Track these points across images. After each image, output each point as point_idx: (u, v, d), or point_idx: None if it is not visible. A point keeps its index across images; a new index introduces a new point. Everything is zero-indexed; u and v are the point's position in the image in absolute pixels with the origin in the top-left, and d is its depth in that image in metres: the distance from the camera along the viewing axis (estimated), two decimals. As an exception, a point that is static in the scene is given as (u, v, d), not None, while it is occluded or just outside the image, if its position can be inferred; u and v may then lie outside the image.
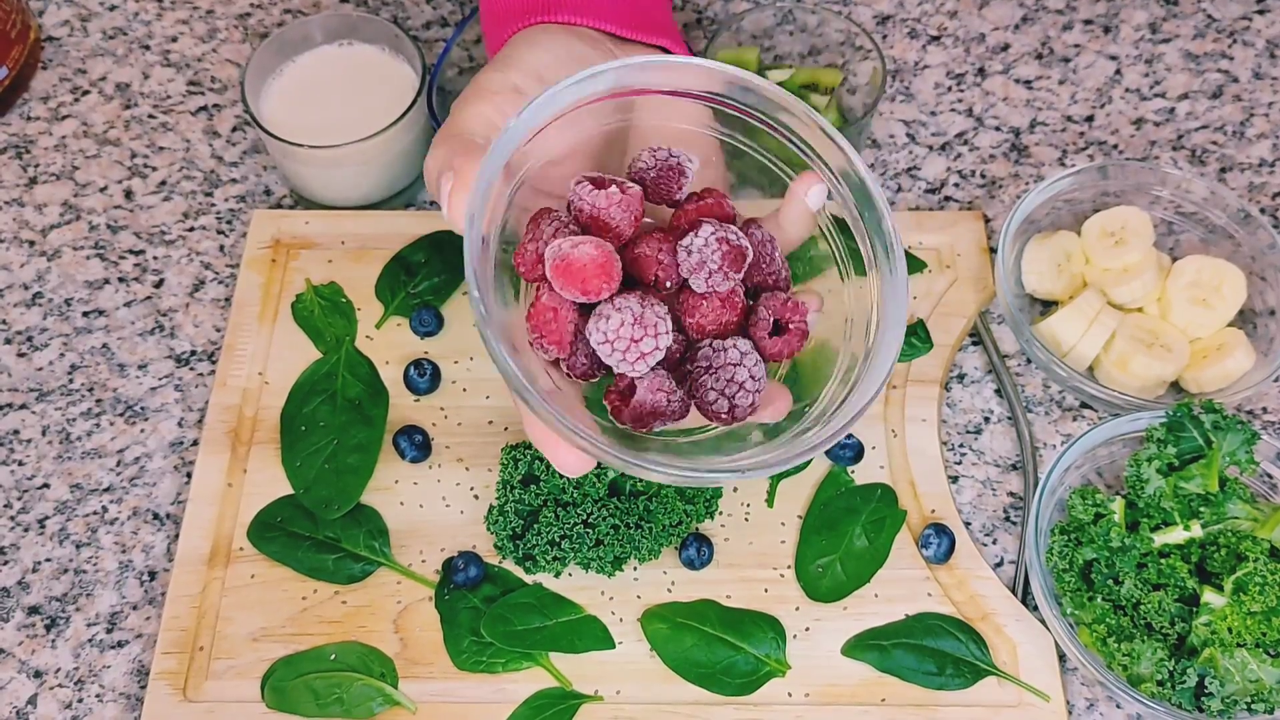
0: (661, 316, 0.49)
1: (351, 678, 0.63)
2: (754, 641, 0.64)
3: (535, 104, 0.50)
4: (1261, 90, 0.85)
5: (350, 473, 0.68)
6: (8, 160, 0.83)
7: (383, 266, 0.76)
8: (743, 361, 0.51)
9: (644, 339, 0.48)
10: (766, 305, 0.53)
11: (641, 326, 0.48)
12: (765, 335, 0.52)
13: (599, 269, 0.49)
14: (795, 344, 0.53)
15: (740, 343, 0.51)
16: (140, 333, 0.76)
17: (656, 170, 0.53)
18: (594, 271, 0.48)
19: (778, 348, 0.52)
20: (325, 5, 0.90)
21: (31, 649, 0.65)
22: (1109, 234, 0.73)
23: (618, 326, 0.48)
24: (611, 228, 0.51)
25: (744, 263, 0.50)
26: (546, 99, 0.50)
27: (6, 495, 0.70)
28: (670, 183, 0.53)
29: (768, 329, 0.52)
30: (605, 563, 0.64)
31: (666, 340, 0.49)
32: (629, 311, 0.48)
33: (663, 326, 0.49)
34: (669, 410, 0.51)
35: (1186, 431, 0.65)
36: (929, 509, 0.68)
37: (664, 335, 0.49)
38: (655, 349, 0.49)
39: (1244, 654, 0.59)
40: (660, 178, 0.53)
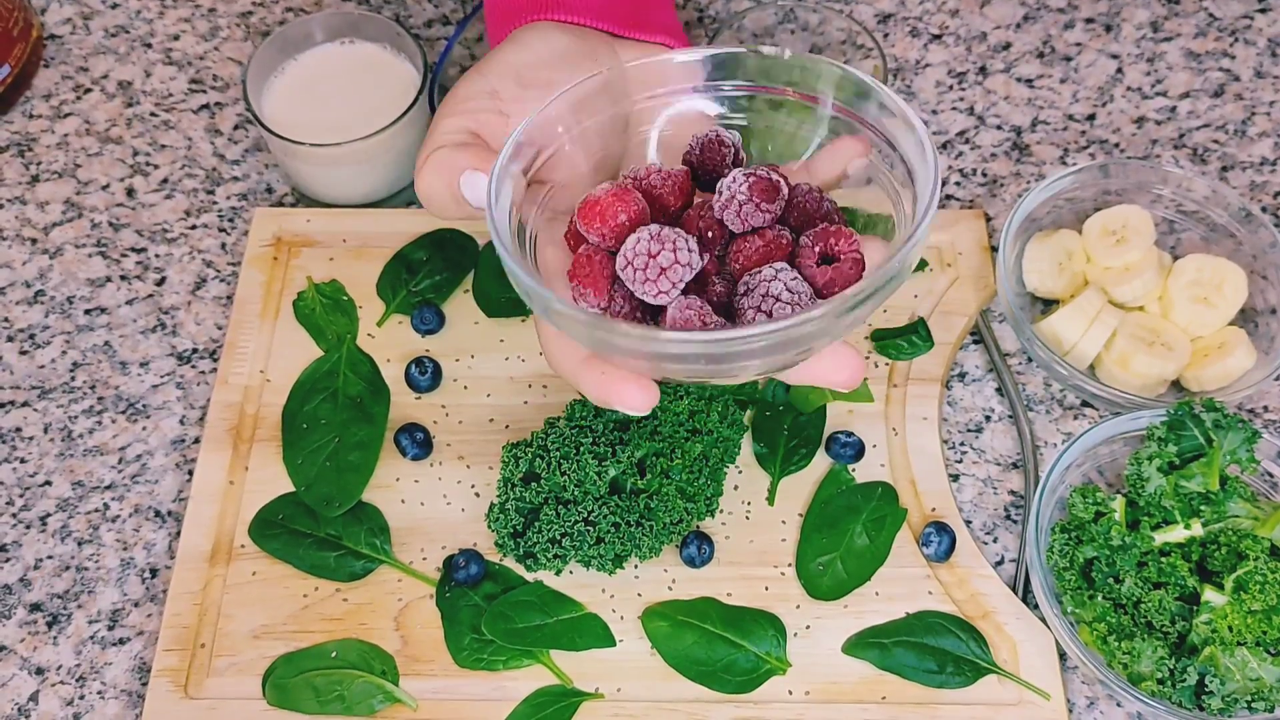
0: (683, 236, 0.48)
1: (352, 675, 0.63)
2: (754, 639, 0.64)
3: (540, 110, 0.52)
4: (1263, 89, 0.85)
5: (351, 470, 0.68)
6: (10, 158, 0.83)
7: (384, 264, 0.76)
8: (779, 275, 0.48)
9: (661, 253, 0.48)
10: (810, 236, 0.50)
11: (659, 242, 0.48)
12: (813, 265, 0.50)
13: (614, 199, 0.49)
14: (849, 272, 0.49)
15: (778, 264, 0.49)
16: (142, 330, 0.76)
17: (701, 149, 0.54)
18: (609, 203, 0.49)
19: (828, 276, 0.50)
20: (327, 3, 0.90)
21: (33, 646, 0.66)
22: (1110, 232, 0.73)
23: (634, 244, 0.48)
24: (654, 195, 0.52)
25: (776, 194, 0.50)
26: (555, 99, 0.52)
27: (8, 492, 0.70)
28: (714, 154, 0.53)
29: (814, 258, 0.50)
30: (606, 560, 0.64)
31: (688, 257, 0.48)
32: (646, 232, 0.48)
33: (683, 243, 0.48)
34: (701, 326, 0.49)
35: (1187, 430, 0.65)
36: (930, 507, 0.68)
37: (684, 251, 0.48)
38: (674, 263, 0.48)
39: (1244, 652, 0.59)
40: (705, 155, 0.54)
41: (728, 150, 0.54)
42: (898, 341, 0.73)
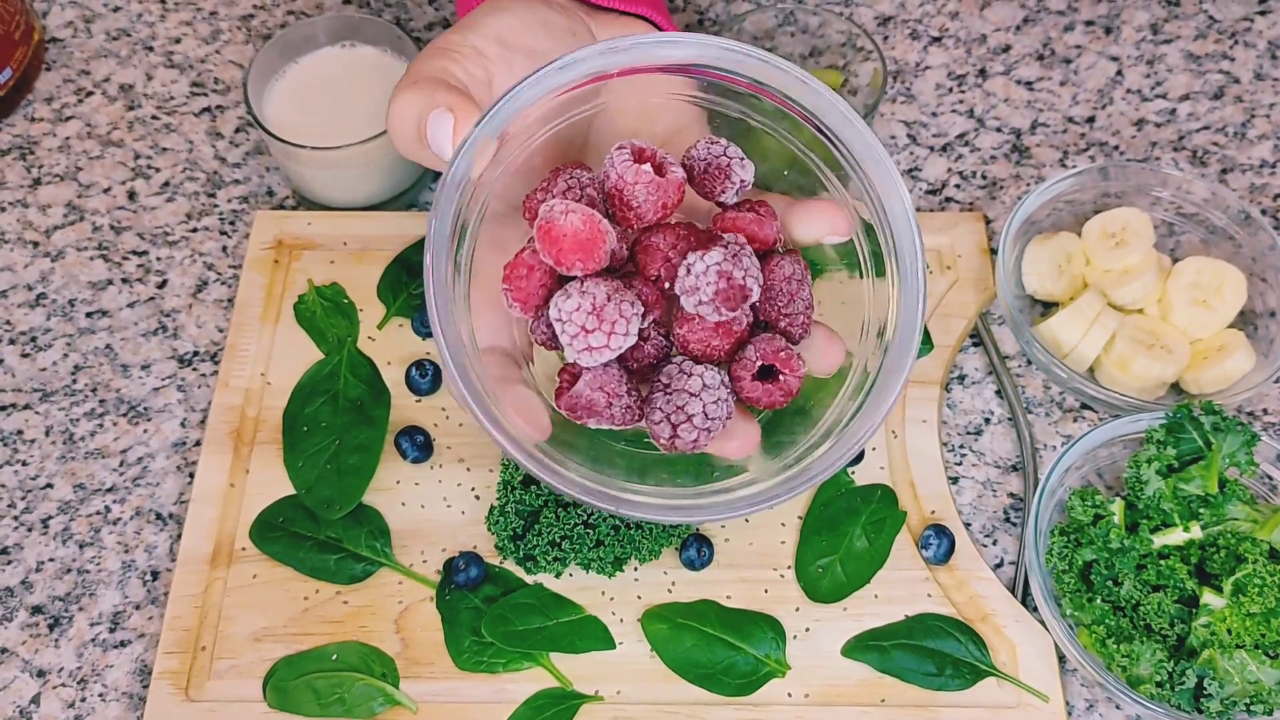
0: (627, 315, 0.46)
1: (353, 678, 0.63)
2: (754, 642, 0.64)
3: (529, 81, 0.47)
4: (1263, 91, 0.85)
5: (352, 473, 0.68)
6: (12, 161, 0.83)
7: (385, 267, 0.76)
8: (702, 394, 0.47)
9: (595, 332, 0.45)
10: (758, 346, 0.48)
11: (597, 318, 0.45)
12: (748, 377, 0.48)
13: (578, 245, 0.45)
14: (778, 398, 0.48)
15: (710, 374, 0.47)
16: (143, 333, 0.76)
17: (705, 164, 0.50)
18: (571, 246, 0.45)
19: (757, 394, 0.48)
20: (328, 7, 0.91)
21: (35, 648, 0.66)
22: (1109, 235, 0.73)
23: (573, 310, 0.45)
24: (633, 207, 0.48)
25: (741, 302, 0.47)
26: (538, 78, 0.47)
27: (10, 495, 0.70)
28: (714, 181, 0.50)
29: (753, 370, 0.48)
30: (606, 563, 0.64)
31: (623, 341, 0.46)
32: (590, 298, 0.45)
33: (623, 326, 0.46)
34: (606, 413, 0.48)
35: (1186, 433, 0.65)
36: (929, 510, 0.68)
37: (620, 336, 0.46)
38: (605, 346, 0.46)
39: (1243, 655, 0.59)
40: (706, 173, 0.50)
41: (731, 185, 0.50)
42: (897, 344, 0.73)
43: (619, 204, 0.48)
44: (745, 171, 0.50)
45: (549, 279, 0.48)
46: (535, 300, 0.48)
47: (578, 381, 0.48)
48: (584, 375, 0.48)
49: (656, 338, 0.50)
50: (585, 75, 0.48)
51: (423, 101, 0.50)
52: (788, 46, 0.83)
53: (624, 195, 0.48)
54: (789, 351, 0.48)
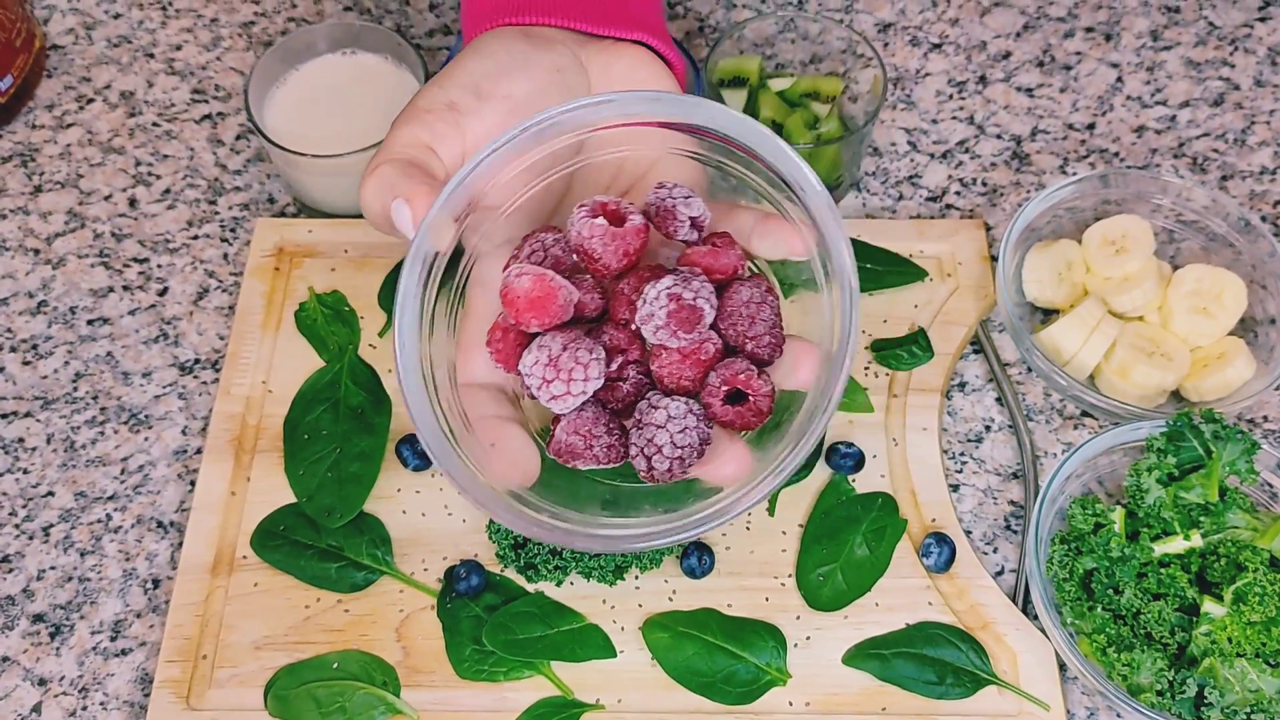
0: (584, 361, 0.49)
1: (354, 686, 0.63)
2: (755, 650, 0.64)
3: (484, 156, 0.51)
4: (1263, 98, 0.85)
5: (353, 481, 0.69)
6: (13, 169, 0.83)
7: (386, 275, 0.76)
8: (667, 424, 0.49)
9: (554, 381, 0.49)
10: (720, 372, 0.50)
11: (554, 369, 0.49)
12: (717, 402, 0.50)
13: (530, 304, 0.49)
14: (750, 419, 0.50)
15: (676, 405, 0.50)
16: (144, 341, 0.76)
17: (656, 208, 0.52)
18: (525, 305, 0.49)
19: (729, 417, 0.50)
20: (329, 14, 0.91)
21: (36, 657, 0.66)
22: (1110, 242, 0.73)
23: (533, 364, 0.49)
24: (596, 258, 0.51)
25: (696, 324, 0.49)
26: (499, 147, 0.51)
27: (11, 503, 0.71)
28: (666, 223, 0.52)
29: (720, 395, 0.50)
30: (606, 572, 0.64)
31: (584, 386, 0.49)
32: (546, 351, 0.49)
33: (580, 373, 0.49)
34: (588, 454, 0.50)
35: (1187, 441, 0.65)
36: (929, 518, 0.68)
37: (579, 381, 0.49)
38: (567, 393, 0.49)
39: (1244, 664, 0.59)
40: (659, 216, 0.52)
41: (680, 223, 0.52)
42: (898, 351, 0.73)
43: (585, 257, 0.51)
44: (691, 209, 0.52)
45: (521, 338, 0.52)
46: (514, 359, 0.52)
47: (556, 430, 0.51)
48: (561, 421, 0.51)
49: (636, 376, 0.52)
50: (538, 136, 0.51)
51: (385, 190, 0.53)
52: (788, 53, 0.83)
53: (585, 248, 0.51)
54: (750, 372, 0.50)
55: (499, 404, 0.54)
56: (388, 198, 0.53)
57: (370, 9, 0.91)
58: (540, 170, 0.54)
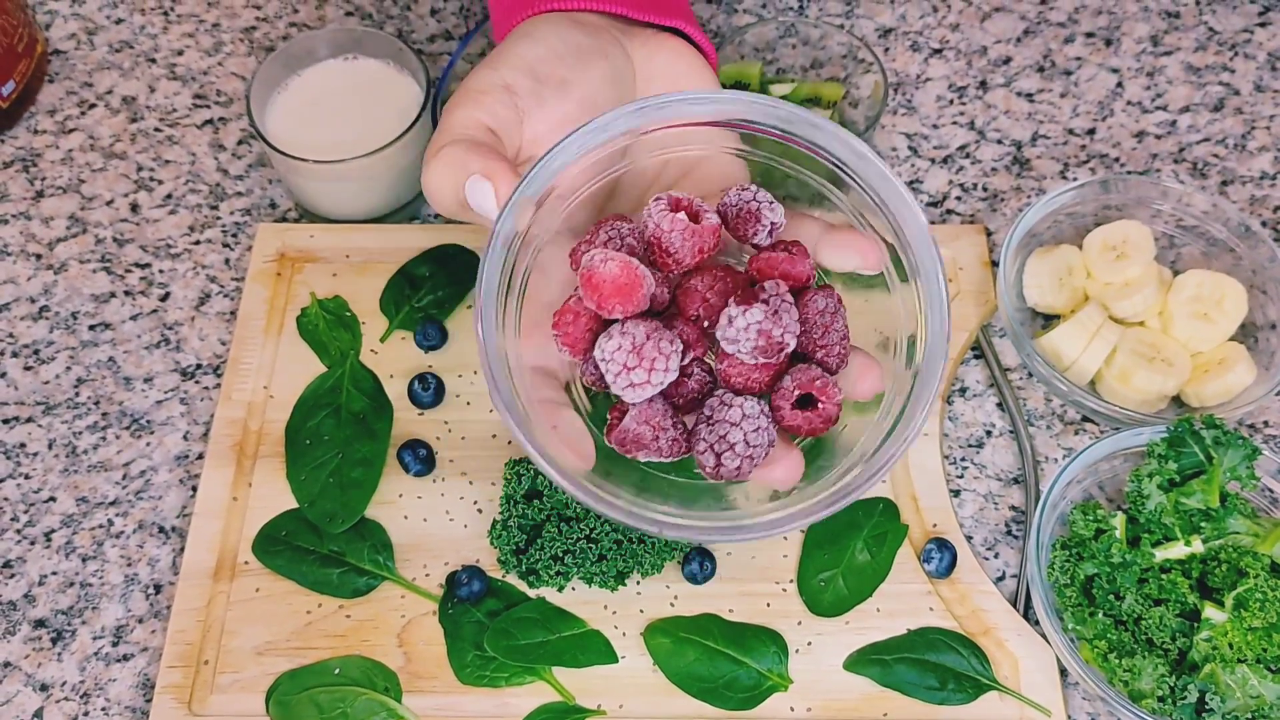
0: (666, 352, 0.49)
1: (355, 692, 0.63)
2: (756, 656, 0.64)
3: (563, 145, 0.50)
4: (1263, 103, 0.85)
5: (354, 487, 0.69)
6: (15, 174, 0.83)
7: (387, 280, 0.76)
8: (742, 423, 0.49)
9: (636, 369, 0.48)
10: (795, 376, 0.51)
11: (638, 356, 0.48)
12: (788, 406, 0.51)
13: (616, 290, 0.49)
14: (818, 424, 0.51)
15: (750, 404, 0.50)
16: (146, 346, 0.76)
17: (736, 209, 0.53)
18: (611, 291, 0.49)
19: (798, 422, 0.51)
20: (330, 19, 0.91)
21: (38, 662, 0.66)
22: (1110, 248, 0.73)
23: (615, 350, 0.48)
24: (670, 253, 0.50)
25: (778, 354, 0.50)
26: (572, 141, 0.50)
27: (13, 509, 0.71)
28: (746, 226, 0.52)
29: (791, 399, 0.51)
30: (608, 577, 0.65)
31: (664, 377, 0.49)
32: (630, 338, 0.48)
33: (662, 363, 0.48)
34: (654, 445, 0.50)
35: (1187, 447, 0.65)
36: (931, 523, 0.68)
37: (660, 372, 0.49)
38: (646, 382, 0.49)
39: (1245, 670, 0.59)
40: (738, 218, 0.52)
41: (761, 228, 0.52)
42: (899, 357, 0.73)
43: (658, 250, 0.51)
44: (774, 214, 0.52)
45: (594, 323, 0.51)
46: (583, 344, 0.51)
47: (625, 417, 0.51)
48: (630, 411, 0.50)
49: (700, 374, 0.52)
50: (620, 134, 0.51)
51: (455, 171, 0.51)
52: (789, 59, 0.83)
53: (662, 242, 0.51)
54: (825, 380, 0.51)
55: (553, 388, 0.53)
56: (460, 176, 0.51)
57: (372, 14, 0.91)
58: (605, 164, 0.53)
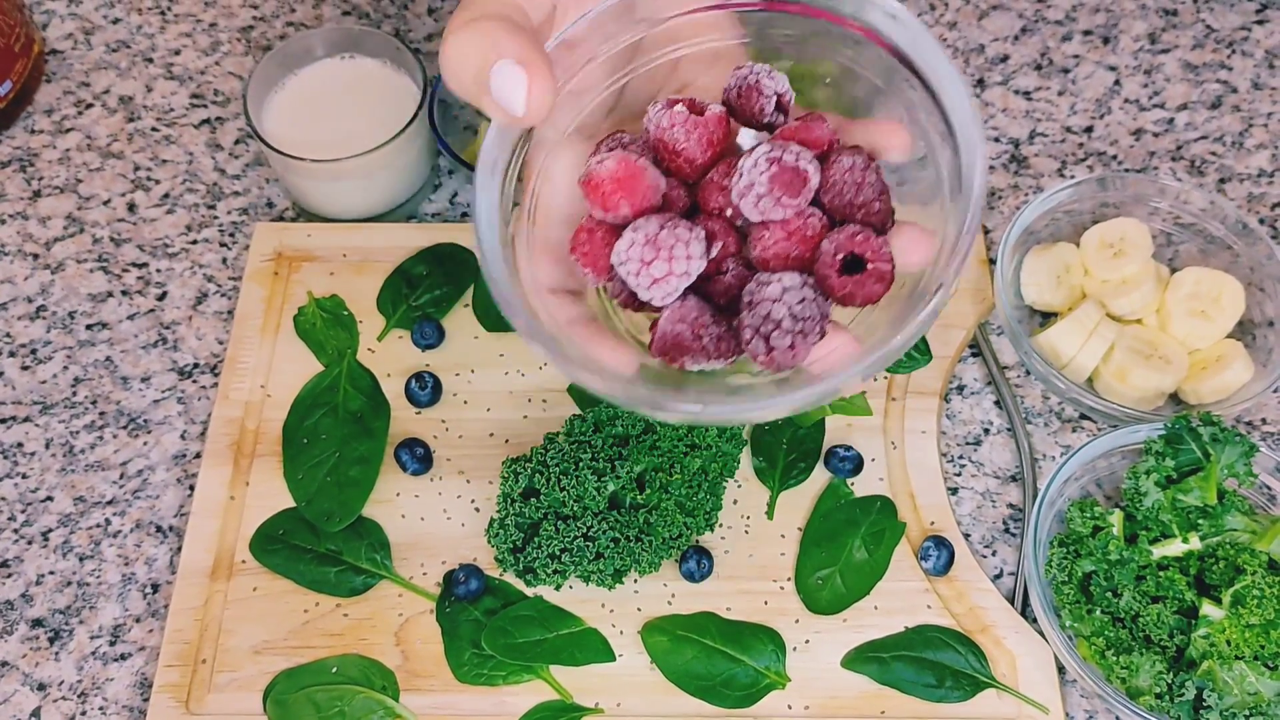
0: (684, 239, 0.45)
1: (353, 690, 0.63)
2: (754, 654, 0.64)
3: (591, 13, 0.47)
4: (1260, 101, 0.85)
5: (352, 485, 0.69)
6: (12, 173, 0.83)
7: (384, 279, 0.76)
8: (784, 297, 0.44)
9: (655, 262, 0.44)
10: (834, 239, 0.45)
11: (654, 248, 0.44)
12: (833, 273, 0.45)
13: (616, 184, 0.45)
14: (873, 288, 0.45)
15: (789, 277, 0.45)
16: (143, 345, 0.76)
17: (737, 90, 0.48)
18: (611, 188, 0.45)
19: (848, 288, 0.45)
20: (327, 18, 0.91)
21: (35, 661, 0.66)
22: (1108, 245, 0.73)
23: (628, 247, 0.45)
24: (678, 151, 0.47)
25: (802, 187, 0.45)
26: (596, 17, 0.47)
27: (10, 508, 0.71)
28: (750, 103, 0.48)
29: (836, 266, 0.45)
30: (605, 575, 0.64)
31: (686, 265, 0.45)
32: (643, 233, 0.45)
33: (682, 250, 0.44)
34: (698, 347, 0.46)
35: (1185, 444, 0.65)
36: (928, 521, 0.68)
37: (681, 260, 0.44)
38: (669, 274, 0.44)
39: (1242, 667, 0.59)
40: (740, 99, 0.48)
41: (767, 100, 0.48)
42: (896, 355, 0.73)
43: (666, 153, 0.47)
44: (775, 82, 0.48)
45: (611, 236, 0.47)
46: (603, 260, 0.47)
47: (660, 322, 0.46)
48: (664, 313, 0.46)
49: (735, 268, 0.48)
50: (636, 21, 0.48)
51: (485, 48, 0.46)
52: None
53: (667, 141, 0.47)
54: (867, 234, 0.45)
55: (578, 306, 0.49)
56: (489, 54, 0.45)
57: (369, 13, 0.91)
58: (614, 65, 0.50)
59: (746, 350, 0.46)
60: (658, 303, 0.46)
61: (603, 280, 0.48)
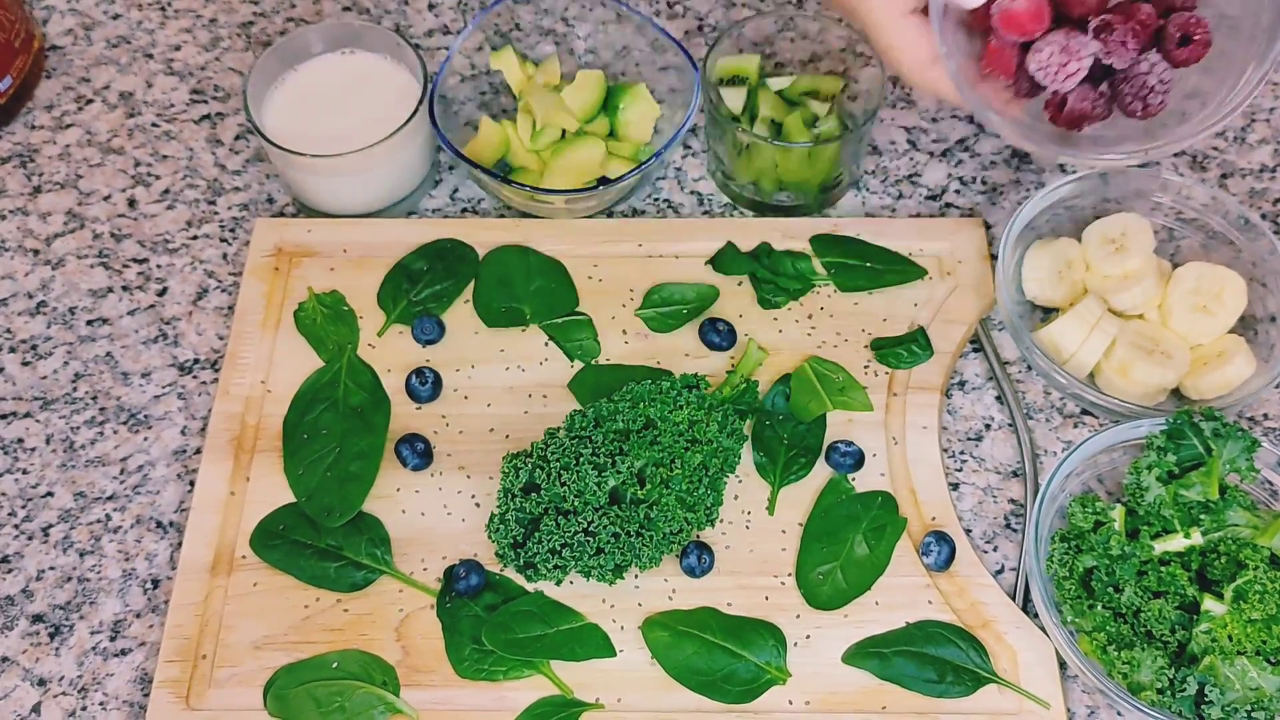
0: (1082, 44, 0.64)
1: (353, 686, 0.63)
2: (755, 649, 0.64)
3: None
4: (1262, 96, 0.85)
5: (352, 481, 0.69)
6: (12, 169, 0.83)
7: (385, 274, 0.76)
8: (1153, 70, 0.65)
9: (1069, 63, 0.64)
10: (1174, 23, 0.65)
11: (1066, 54, 0.64)
12: (1174, 48, 0.65)
13: (1031, 16, 0.64)
14: (1200, 51, 0.65)
15: (1150, 56, 0.65)
16: (144, 341, 0.76)
17: None
18: (1028, 18, 0.64)
19: (1184, 56, 0.65)
20: (327, 14, 0.91)
21: (35, 657, 0.66)
22: (1109, 241, 0.73)
23: (1048, 57, 0.64)
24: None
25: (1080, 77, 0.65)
26: None
27: (11, 504, 0.71)
28: None
29: (1175, 42, 0.65)
30: (606, 571, 0.64)
31: (1087, 63, 0.64)
32: (1056, 45, 0.64)
33: (1084, 51, 0.64)
34: (1095, 112, 0.67)
35: (1186, 439, 0.65)
36: (929, 516, 0.68)
37: (1085, 59, 0.64)
38: (1079, 70, 0.64)
39: (1244, 662, 0.59)
40: None
41: None
42: (897, 350, 0.73)
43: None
44: None
45: (1016, 51, 0.66)
46: (1012, 67, 0.66)
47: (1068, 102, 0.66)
48: (1070, 96, 0.66)
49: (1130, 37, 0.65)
50: None
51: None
52: (787, 52, 0.83)
53: None
54: (1194, 18, 0.65)
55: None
56: None
57: (369, 9, 0.91)
58: None
59: (1126, 109, 0.66)
60: (1068, 89, 0.66)
61: (1010, 80, 0.67)
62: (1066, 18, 0.66)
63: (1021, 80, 0.67)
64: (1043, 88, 0.67)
